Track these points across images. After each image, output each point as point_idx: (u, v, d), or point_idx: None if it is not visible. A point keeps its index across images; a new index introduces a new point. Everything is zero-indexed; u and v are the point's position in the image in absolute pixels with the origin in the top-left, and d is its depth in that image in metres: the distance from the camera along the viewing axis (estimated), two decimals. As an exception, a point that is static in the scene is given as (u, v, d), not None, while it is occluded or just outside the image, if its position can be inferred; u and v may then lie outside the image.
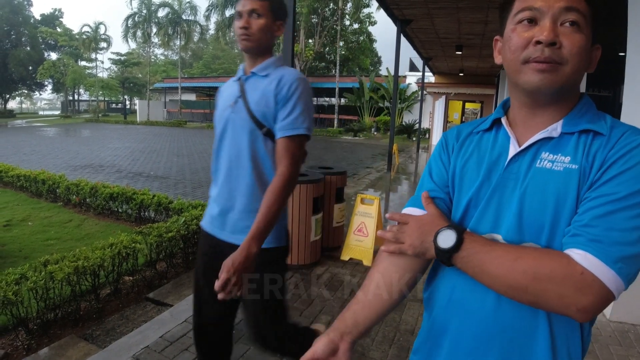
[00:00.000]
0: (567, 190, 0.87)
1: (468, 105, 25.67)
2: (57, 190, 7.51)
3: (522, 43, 0.92)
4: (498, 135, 1.05)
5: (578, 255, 0.80)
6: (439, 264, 1.10)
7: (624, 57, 3.65)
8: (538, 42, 0.88)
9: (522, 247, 0.88)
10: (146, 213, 6.18)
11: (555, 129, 0.94)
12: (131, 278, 4.12)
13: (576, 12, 0.88)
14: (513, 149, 0.98)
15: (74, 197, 7.05)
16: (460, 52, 13.96)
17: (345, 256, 4.89)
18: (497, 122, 1.06)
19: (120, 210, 6.49)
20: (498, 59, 1.03)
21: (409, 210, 1.11)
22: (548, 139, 0.94)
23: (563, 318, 0.89)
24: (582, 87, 5.94)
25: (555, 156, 0.92)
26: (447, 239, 0.92)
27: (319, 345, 0.99)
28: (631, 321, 3.57)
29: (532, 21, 0.92)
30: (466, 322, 0.98)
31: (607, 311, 3.63)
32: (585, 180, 0.87)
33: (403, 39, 11.60)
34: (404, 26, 10.67)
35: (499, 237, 0.95)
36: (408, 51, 16.53)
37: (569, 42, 0.88)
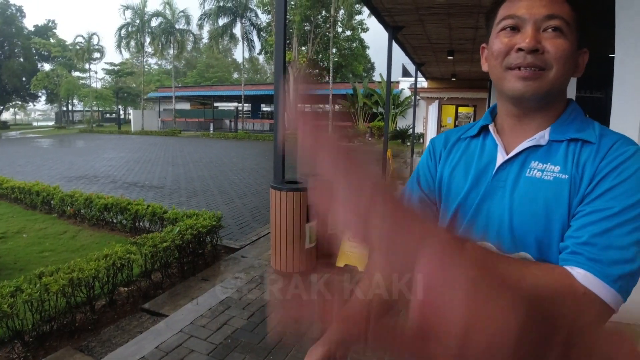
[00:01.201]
0: (557, 200, 0.87)
1: (461, 109, 25.77)
2: (52, 202, 7.49)
3: (505, 50, 0.93)
4: (485, 142, 1.05)
5: (579, 274, 0.79)
6: None
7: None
8: (520, 49, 0.90)
9: (525, 264, 0.85)
10: (141, 223, 6.18)
11: (542, 136, 0.94)
12: (126, 289, 4.12)
13: (558, 19, 0.89)
14: (501, 157, 0.98)
15: (69, 208, 7.04)
16: (452, 57, 14.02)
17: (340, 263, 4.90)
18: (484, 129, 1.06)
19: (115, 220, 6.48)
20: (485, 67, 1.03)
21: None
22: (536, 147, 0.94)
23: None
24: (573, 90, 6.02)
25: (544, 165, 0.92)
26: None
27: (315, 358, 0.97)
28: (627, 320, 3.59)
29: (515, 28, 0.93)
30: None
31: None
32: (576, 190, 0.87)
33: (395, 45, 11.67)
34: (396, 33, 10.73)
35: (489, 245, 0.94)
36: (400, 57, 16.63)
37: (552, 47, 0.88)
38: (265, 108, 47.01)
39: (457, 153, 1.09)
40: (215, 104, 47.51)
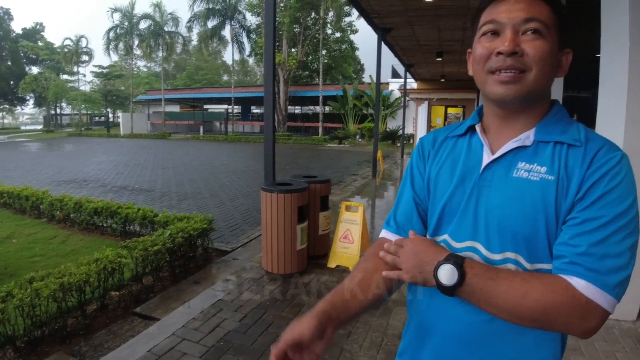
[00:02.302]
0: (544, 201, 0.89)
1: (450, 110, 25.89)
2: (41, 206, 7.44)
3: (486, 54, 0.95)
4: (472, 141, 1.07)
5: (580, 285, 0.83)
6: None
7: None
8: (500, 53, 0.92)
9: (526, 278, 0.87)
10: (131, 227, 6.16)
11: (528, 137, 0.96)
12: (117, 293, 4.11)
13: (536, 21, 0.91)
14: (487, 157, 1.00)
15: (58, 212, 6.99)
16: (440, 59, 14.14)
17: (331, 263, 4.92)
18: (471, 129, 1.08)
19: (105, 224, 6.45)
20: (471, 71, 1.05)
21: (384, 235, 1.16)
22: (522, 147, 0.96)
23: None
24: (560, 89, 6.09)
25: (531, 166, 0.93)
26: (448, 275, 0.91)
27: (306, 328, 0.92)
28: (615, 317, 3.64)
29: (495, 33, 0.95)
30: (449, 325, 1.01)
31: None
32: (564, 193, 0.89)
33: (384, 47, 11.74)
34: (385, 34, 10.80)
35: (479, 245, 0.97)
36: (390, 58, 16.69)
37: (531, 49, 0.90)
38: (255, 110, 46.97)
39: (445, 152, 1.11)
40: (205, 107, 47.39)
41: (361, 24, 41.78)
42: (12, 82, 50.51)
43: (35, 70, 54.02)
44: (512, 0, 0.94)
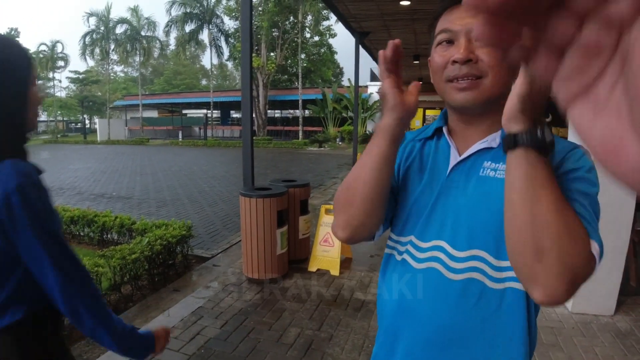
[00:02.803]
0: None
1: (429, 112, 26.17)
2: (15, 216, 7.28)
3: (442, 63, 0.97)
4: (439, 143, 1.08)
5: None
6: (385, 269, 1.15)
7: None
8: (455, 62, 0.93)
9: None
10: (109, 235, 6.07)
11: (494, 139, 0.98)
12: (96, 302, 4.05)
13: None
14: (454, 158, 1.02)
15: (34, 222, 6.85)
16: (417, 62, 14.29)
17: (312, 267, 4.93)
18: (438, 131, 1.10)
19: (81, 233, 6.34)
20: (432, 78, 1.06)
21: None
22: (488, 149, 0.98)
23: (512, 318, 0.93)
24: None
25: (497, 165, 0.95)
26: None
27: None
28: (593, 312, 3.72)
29: (450, 42, 0.97)
30: (418, 328, 1.01)
31: (569, 304, 3.79)
32: None
33: (363, 50, 11.82)
34: (363, 38, 10.87)
35: (444, 243, 0.98)
36: (368, 62, 16.79)
37: (485, 55, 0.91)
38: (235, 114, 46.74)
39: (413, 152, 1.12)
40: (184, 111, 46.99)
41: (339, 28, 42.03)
42: (-16, 89, 49.41)
43: (8, 76, 52.94)
44: (464, 7, 0.95)
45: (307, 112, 35.19)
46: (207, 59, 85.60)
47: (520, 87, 0.78)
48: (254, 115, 3.91)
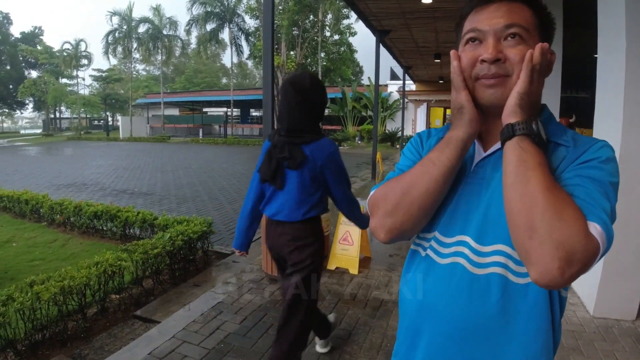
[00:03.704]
0: None
1: (449, 112, 25.96)
2: (41, 210, 7.45)
3: (471, 62, 0.98)
4: None
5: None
6: (409, 267, 1.16)
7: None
8: (483, 61, 0.95)
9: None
10: (131, 230, 6.17)
11: None
12: (118, 296, 4.12)
13: (517, 27, 0.94)
14: (478, 154, 1.03)
15: (58, 216, 7.01)
16: (439, 60, 14.16)
17: (331, 265, 4.93)
18: None
19: (104, 228, 6.46)
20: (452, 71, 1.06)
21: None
22: None
23: (534, 314, 0.93)
24: (557, 90, 6.11)
25: None
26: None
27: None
28: (614, 317, 3.65)
29: (478, 40, 0.98)
30: (440, 324, 1.01)
31: (591, 308, 3.72)
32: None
33: (383, 49, 11.76)
34: (383, 36, 10.82)
35: (468, 238, 0.98)
36: (388, 60, 16.72)
37: (512, 54, 0.93)
38: (254, 113, 46.98)
39: None
40: (204, 110, 47.41)
41: (359, 27, 41.93)
42: (11, 86, 50.63)
43: (34, 74, 54.20)
44: (493, 7, 0.97)
45: (326, 110, 35.15)
46: (228, 58, 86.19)
47: (519, 86, 0.91)
48: (274, 114, 3.96)
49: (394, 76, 31.63)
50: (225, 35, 37.99)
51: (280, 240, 2.51)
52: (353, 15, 32.43)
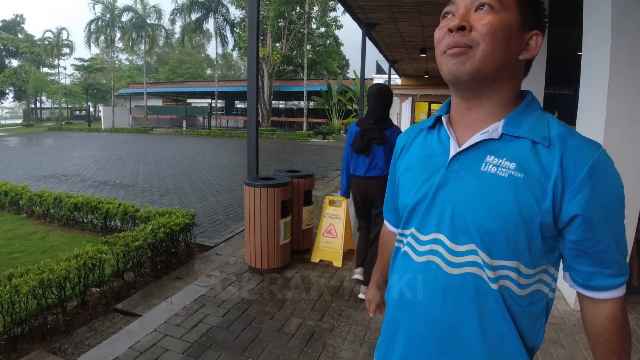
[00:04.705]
0: (518, 201, 0.88)
1: (434, 106, 26.06)
2: (20, 202, 7.32)
3: (441, 35, 0.95)
4: (440, 133, 1.06)
5: (613, 299, 0.97)
6: (393, 264, 1.15)
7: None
8: (450, 30, 0.92)
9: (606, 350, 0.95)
10: (112, 222, 6.08)
11: (496, 129, 0.94)
12: (98, 289, 4.07)
13: None
14: (453, 149, 0.99)
15: (38, 208, 6.88)
16: (424, 55, 14.18)
17: (315, 258, 4.93)
18: (439, 120, 1.08)
19: (85, 220, 6.37)
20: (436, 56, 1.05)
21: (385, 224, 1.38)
22: (490, 140, 0.94)
23: (506, 317, 0.92)
24: (542, 86, 6.17)
25: (500, 160, 0.92)
26: None
27: (377, 295, 1.44)
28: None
29: (451, 14, 0.96)
30: (416, 322, 1.01)
31: (571, 301, 3.77)
32: (541, 192, 0.88)
33: (369, 42, 11.73)
34: (369, 30, 10.79)
35: (442, 237, 0.97)
36: (374, 54, 16.72)
37: (479, 24, 0.90)
38: (239, 104, 46.69)
39: (417, 145, 1.11)
40: (188, 101, 46.96)
41: (346, 20, 41.86)
42: (-10, 75, 49.44)
43: (15, 63, 52.86)
44: None
45: (311, 103, 35.10)
46: (212, 49, 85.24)
47: None
48: (258, 106, 3.99)
49: (379, 70, 31.61)
50: (210, 25, 37.50)
51: (373, 189, 3.81)
52: (340, 8, 32.40)
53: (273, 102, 37.33)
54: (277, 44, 34.80)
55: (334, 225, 4.95)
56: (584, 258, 0.92)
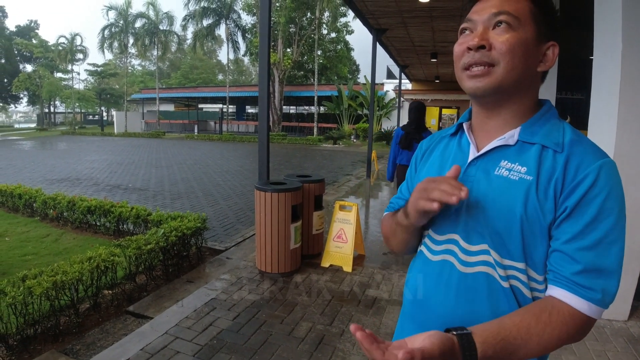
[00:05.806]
0: (523, 200, 0.91)
1: (445, 111, 26.01)
2: (34, 205, 7.41)
3: (460, 52, 0.99)
4: (462, 139, 1.10)
5: (582, 306, 0.87)
6: (413, 261, 1.17)
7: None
8: (469, 49, 0.95)
9: (525, 329, 0.85)
10: (124, 226, 6.14)
11: (512, 136, 0.98)
12: (110, 292, 4.10)
13: (505, 14, 0.93)
14: (472, 154, 1.03)
15: (51, 211, 6.97)
16: (435, 60, 14.19)
17: (325, 263, 4.93)
18: (461, 127, 1.12)
19: (98, 223, 6.43)
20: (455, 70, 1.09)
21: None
22: (506, 146, 0.98)
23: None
24: (553, 90, 6.13)
25: (513, 165, 0.95)
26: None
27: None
28: (606, 317, 3.67)
29: (469, 30, 0.99)
30: (432, 321, 1.02)
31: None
32: (544, 194, 0.90)
33: (379, 48, 11.78)
34: (380, 35, 10.83)
35: (457, 237, 1.00)
36: (385, 59, 16.74)
37: (498, 42, 0.92)
38: (250, 110, 46.87)
39: (438, 151, 1.15)
40: (200, 106, 47.23)
41: (357, 25, 41.90)
42: (5, 80, 50.17)
43: (29, 68, 53.65)
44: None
45: (322, 108, 35.17)
46: (224, 54, 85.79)
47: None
48: (269, 111, 4.08)
49: (390, 75, 31.64)
50: (221, 31, 37.76)
51: None
52: (350, 13, 32.47)
53: (284, 107, 37.44)
54: (288, 50, 34.94)
55: (344, 230, 4.95)
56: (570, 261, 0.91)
